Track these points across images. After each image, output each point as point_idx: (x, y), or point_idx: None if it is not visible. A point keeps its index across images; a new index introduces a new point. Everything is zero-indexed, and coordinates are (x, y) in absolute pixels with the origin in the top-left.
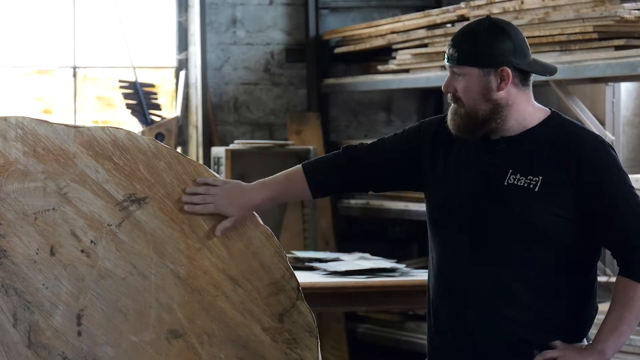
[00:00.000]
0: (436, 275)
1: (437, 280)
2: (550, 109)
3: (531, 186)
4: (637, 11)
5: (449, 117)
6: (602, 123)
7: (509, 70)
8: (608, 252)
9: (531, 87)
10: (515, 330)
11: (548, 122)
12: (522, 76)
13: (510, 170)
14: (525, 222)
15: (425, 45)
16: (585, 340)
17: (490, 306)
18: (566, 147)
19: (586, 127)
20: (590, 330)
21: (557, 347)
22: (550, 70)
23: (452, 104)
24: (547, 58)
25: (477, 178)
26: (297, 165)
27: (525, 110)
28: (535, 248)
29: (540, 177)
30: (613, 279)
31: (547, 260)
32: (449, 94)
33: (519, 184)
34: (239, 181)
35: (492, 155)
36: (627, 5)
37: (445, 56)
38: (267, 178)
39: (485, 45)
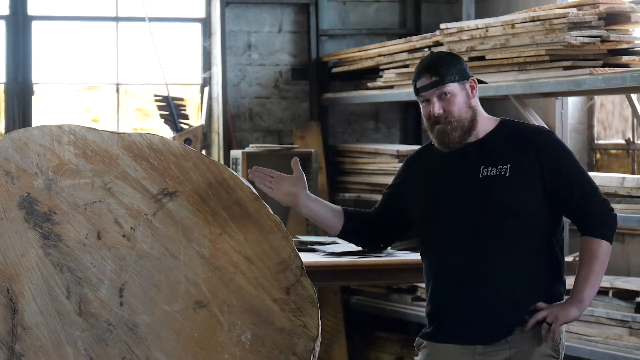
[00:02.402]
0: (432, 261)
1: (436, 260)
2: (500, 117)
3: (502, 173)
4: (581, 38)
5: (438, 138)
6: (553, 130)
7: (475, 79)
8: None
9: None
10: (507, 296)
11: (502, 125)
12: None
13: (482, 166)
14: (502, 203)
15: (406, 66)
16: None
17: (482, 279)
18: (524, 139)
19: (533, 123)
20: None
21: (542, 308)
22: (483, 80)
23: (437, 127)
24: (507, 76)
25: (455, 178)
26: (341, 207)
27: (483, 117)
28: (513, 223)
29: (508, 165)
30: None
31: (526, 232)
32: (428, 120)
33: (491, 174)
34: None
35: (464, 160)
36: (573, 32)
37: (425, 85)
38: (320, 199)
39: (456, 64)
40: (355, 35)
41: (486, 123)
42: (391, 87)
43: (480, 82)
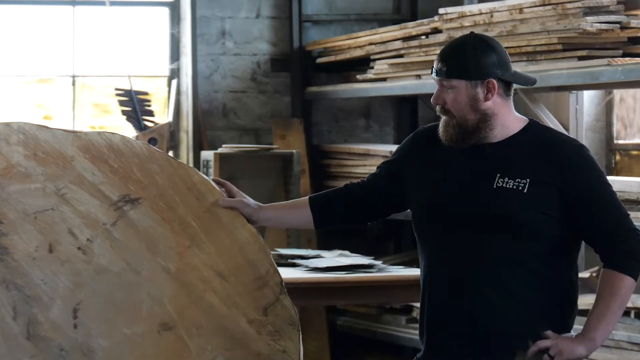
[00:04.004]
0: (429, 271)
1: (431, 275)
2: (528, 118)
3: (520, 188)
4: (598, 24)
5: (440, 129)
6: (566, 128)
7: (495, 82)
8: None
9: (512, 97)
10: (509, 321)
11: (528, 129)
12: (506, 87)
13: (498, 174)
14: (515, 220)
15: (401, 56)
16: (572, 331)
17: (484, 299)
18: (548, 151)
19: (563, 133)
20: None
21: (549, 337)
22: (531, 81)
23: (443, 116)
24: (515, 68)
25: (466, 181)
26: (305, 197)
27: (508, 118)
28: (525, 244)
29: (528, 180)
30: (586, 275)
31: (535, 254)
32: (438, 106)
33: (507, 186)
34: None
35: (480, 161)
36: (589, 18)
37: (434, 70)
38: (278, 203)
39: (472, 59)
40: (343, 21)
41: (512, 124)
42: (384, 79)
43: (521, 81)
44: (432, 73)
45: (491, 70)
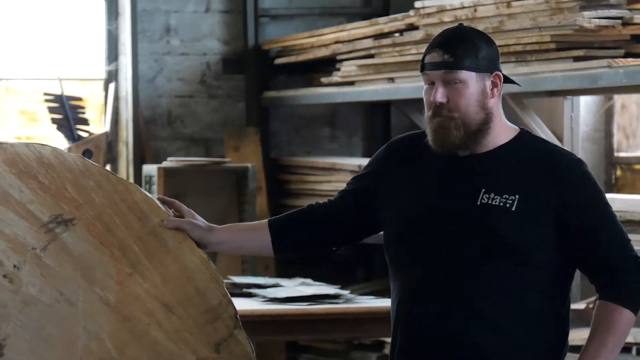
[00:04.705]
0: (402, 302)
1: (404, 307)
2: (520, 127)
3: (507, 205)
4: (597, 20)
5: (435, 134)
6: (560, 139)
7: (501, 75)
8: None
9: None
10: (493, 358)
11: (519, 140)
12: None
13: (483, 190)
14: (501, 242)
15: (371, 56)
16: None
17: (465, 333)
18: (542, 165)
19: (559, 145)
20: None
21: None
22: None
23: (436, 119)
24: (502, 69)
25: (446, 197)
26: (264, 220)
27: (500, 125)
28: (512, 270)
29: (517, 196)
30: (581, 306)
31: (524, 283)
32: (430, 108)
33: (493, 203)
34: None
35: (462, 174)
36: (586, 13)
37: (432, 64)
38: (233, 224)
39: (481, 49)
40: (306, 15)
41: (502, 133)
42: (352, 83)
43: (508, 80)
44: (424, 69)
45: (496, 63)
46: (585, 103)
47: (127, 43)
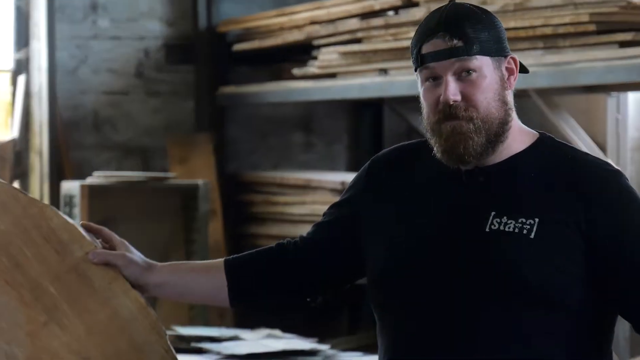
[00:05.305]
0: (390, 352)
1: None
2: (539, 131)
3: (524, 232)
4: None
5: (449, 142)
6: (603, 148)
7: (517, 60)
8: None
9: None
10: None
11: (538, 147)
12: None
13: (494, 212)
14: (517, 279)
15: (358, 41)
16: None
17: None
18: (567, 178)
19: (590, 153)
20: None
21: None
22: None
23: (449, 124)
24: (525, 58)
25: (445, 223)
26: (221, 259)
27: (515, 127)
28: (532, 315)
29: (537, 219)
30: None
31: (547, 332)
32: (437, 111)
33: (507, 229)
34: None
35: (467, 192)
36: None
37: (436, 52)
38: (174, 262)
39: (491, 26)
40: None
41: (517, 138)
42: (333, 75)
43: (521, 69)
44: (425, 62)
45: (507, 44)
46: (636, 102)
47: (41, 23)
